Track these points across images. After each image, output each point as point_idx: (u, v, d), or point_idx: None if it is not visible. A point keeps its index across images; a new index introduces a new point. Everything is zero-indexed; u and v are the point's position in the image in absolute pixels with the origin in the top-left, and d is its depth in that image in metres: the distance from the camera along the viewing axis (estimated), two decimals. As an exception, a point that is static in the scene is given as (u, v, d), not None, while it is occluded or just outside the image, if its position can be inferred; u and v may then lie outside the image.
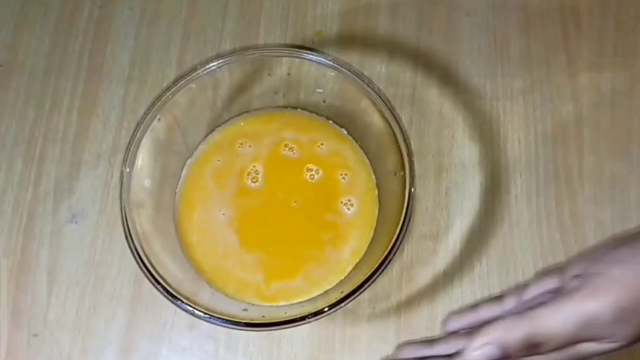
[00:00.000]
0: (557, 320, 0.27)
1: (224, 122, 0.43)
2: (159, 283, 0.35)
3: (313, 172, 0.42)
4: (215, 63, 0.39)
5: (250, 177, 0.42)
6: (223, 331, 0.44)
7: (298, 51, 0.38)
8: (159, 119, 0.39)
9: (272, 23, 0.51)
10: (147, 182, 0.39)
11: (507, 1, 0.50)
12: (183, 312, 0.44)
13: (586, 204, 0.46)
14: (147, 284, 0.45)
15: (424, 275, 0.44)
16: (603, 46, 0.49)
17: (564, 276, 0.30)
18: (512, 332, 0.28)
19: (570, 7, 0.50)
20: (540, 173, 0.47)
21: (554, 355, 0.29)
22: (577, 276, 0.28)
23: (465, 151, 0.47)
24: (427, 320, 0.43)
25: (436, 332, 0.43)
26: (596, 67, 0.49)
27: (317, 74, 0.40)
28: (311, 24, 0.51)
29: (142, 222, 0.38)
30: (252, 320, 0.34)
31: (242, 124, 0.43)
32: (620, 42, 0.50)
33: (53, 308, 0.45)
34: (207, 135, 0.43)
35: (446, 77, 0.49)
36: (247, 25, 0.51)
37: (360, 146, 0.42)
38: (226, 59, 0.39)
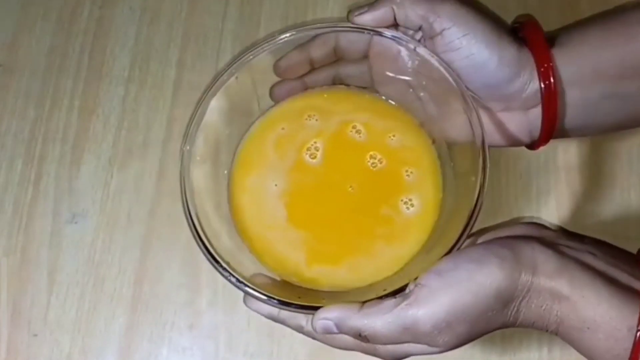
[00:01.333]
0: (382, 322, 0.30)
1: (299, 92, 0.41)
2: (206, 248, 0.34)
3: (376, 161, 0.39)
4: (314, 27, 0.38)
5: (309, 152, 0.40)
6: (223, 331, 0.44)
7: (409, 39, 0.36)
8: (236, 77, 0.38)
9: (272, 23, 0.51)
10: (211, 137, 0.38)
11: (507, 2, 0.50)
12: (183, 312, 0.44)
13: (586, 203, 0.46)
14: (147, 284, 0.45)
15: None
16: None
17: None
18: (346, 321, 0.31)
19: (570, 7, 0.50)
20: (540, 173, 0.47)
21: (389, 346, 0.32)
22: (417, 284, 0.31)
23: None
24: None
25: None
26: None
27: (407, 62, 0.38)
28: (311, 24, 0.51)
29: (199, 175, 0.37)
30: (287, 299, 0.33)
31: (317, 97, 0.41)
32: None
33: (53, 308, 0.45)
34: (279, 100, 0.41)
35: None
36: (247, 25, 0.51)
37: (433, 143, 0.40)
38: (328, 27, 0.38)
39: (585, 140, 0.47)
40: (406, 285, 0.31)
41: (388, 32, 0.36)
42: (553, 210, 0.46)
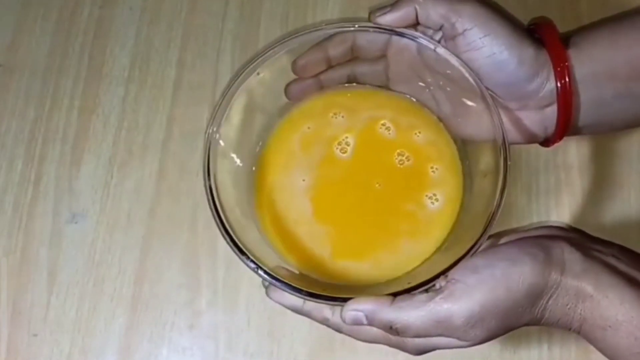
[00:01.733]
0: (415, 315, 0.31)
1: (319, 90, 0.42)
2: (231, 238, 0.34)
3: (404, 158, 0.40)
4: (334, 26, 0.38)
5: (340, 147, 0.41)
6: (223, 331, 0.44)
7: (429, 39, 0.37)
8: (257, 73, 0.38)
9: (272, 23, 0.51)
10: (235, 134, 0.39)
11: (506, 2, 0.50)
12: (183, 312, 0.44)
13: (586, 203, 0.46)
14: (147, 284, 0.45)
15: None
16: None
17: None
18: (378, 314, 0.31)
19: (570, 7, 0.51)
20: (540, 173, 0.47)
21: (417, 340, 0.33)
22: (450, 279, 0.31)
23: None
24: (428, 320, 0.43)
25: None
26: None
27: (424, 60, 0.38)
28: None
29: (224, 173, 0.37)
30: (313, 290, 0.33)
31: (338, 95, 0.42)
32: (620, 42, 0.50)
33: (53, 308, 0.45)
34: (299, 99, 0.42)
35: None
36: (247, 25, 0.51)
37: (454, 139, 0.41)
38: (350, 26, 0.38)
39: (585, 140, 0.47)
40: (432, 279, 0.32)
41: (409, 33, 0.37)
42: (553, 209, 0.46)
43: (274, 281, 0.33)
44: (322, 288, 0.35)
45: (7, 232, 0.47)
